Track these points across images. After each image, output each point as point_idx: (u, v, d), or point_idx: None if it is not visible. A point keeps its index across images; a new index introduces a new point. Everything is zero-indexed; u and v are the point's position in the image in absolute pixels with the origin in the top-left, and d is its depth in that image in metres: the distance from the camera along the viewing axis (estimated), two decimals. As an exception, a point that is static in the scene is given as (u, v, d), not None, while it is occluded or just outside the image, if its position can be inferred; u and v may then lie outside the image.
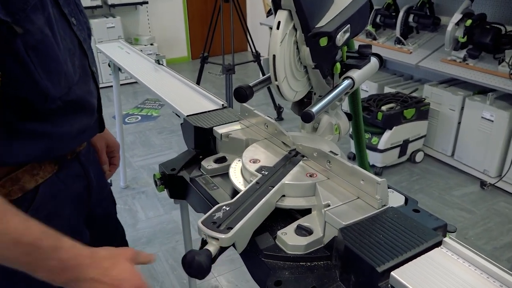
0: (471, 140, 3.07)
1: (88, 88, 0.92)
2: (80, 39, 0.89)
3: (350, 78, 0.93)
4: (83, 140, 0.97)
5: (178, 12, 6.12)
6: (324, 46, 0.83)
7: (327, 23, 0.83)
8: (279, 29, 0.80)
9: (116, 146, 1.28)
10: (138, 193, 2.99)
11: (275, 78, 0.85)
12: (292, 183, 0.88)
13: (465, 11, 2.99)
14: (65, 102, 0.83)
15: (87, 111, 0.92)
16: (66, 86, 0.82)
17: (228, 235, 0.73)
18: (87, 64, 0.92)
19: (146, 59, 2.21)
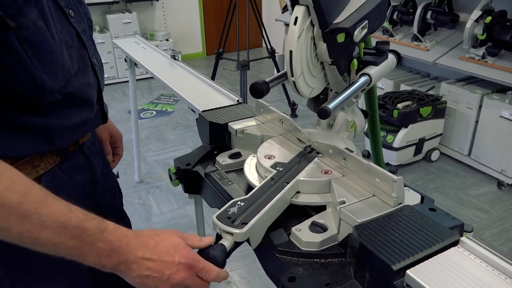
0: (488, 139, 3.02)
1: (87, 81, 0.90)
2: (78, 31, 0.88)
3: (367, 74, 0.93)
4: (85, 132, 0.96)
5: (194, 8, 6.14)
6: (342, 42, 0.83)
7: (344, 19, 0.83)
8: (296, 25, 0.79)
9: (119, 136, 1.28)
10: (152, 188, 3.01)
11: (292, 74, 0.84)
12: (307, 179, 0.88)
13: (485, 8, 2.94)
14: (64, 94, 0.82)
15: (86, 103, 0.91)
16: (64, 79, 0.81)
17: (242, 230, 0.73)
18: (86, 56, 0.91)
19: (162, 55, 2.23)
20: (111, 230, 0.68)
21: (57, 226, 0.64)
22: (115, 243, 0.67)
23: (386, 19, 3.74)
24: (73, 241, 0.65)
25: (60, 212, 0.65)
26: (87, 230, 0.66)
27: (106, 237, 0.67)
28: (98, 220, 0.68)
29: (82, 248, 0.66)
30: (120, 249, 0.68)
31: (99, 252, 0.67)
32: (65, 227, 0.65)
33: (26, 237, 0.63)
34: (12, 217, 0.62)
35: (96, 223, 0.68)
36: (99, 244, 0.66)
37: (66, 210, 0.66)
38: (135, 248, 0.69)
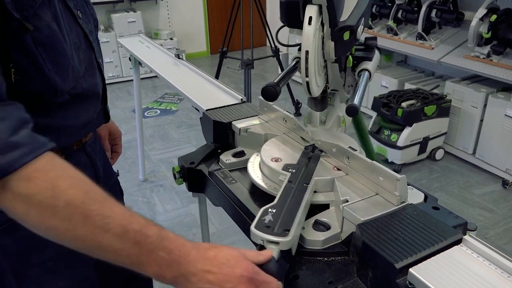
0: (493, 138, 3.00)
1: (94, 81, 0.92)
2: (86, 32, 0.89)
3: (366, 70, 0.95)
4: (89, 131, 0.98)
5: (198, 7, 6.14)
6: (347, 40, 0.83)
7: (348, 17, 0.83)
8: (311, 25, 0.79)
9: (118, 134, 1.29)
10: (156, 186, 3.03)
11: (306, 74, 0.83)
12: (323, 178, 0.88)
13: (490, 6, 2.92)
14: (72, 95, 0.83)
15: (92, 103, 0.92)
16: (74, 80, 0.83)
17: (288, 238, 0.70)
18: (93, 56, 0.93)
19: (166, 54, 2.23)
20: (171, 238, 0.65)
21: (119, 230, 0.62)
22: (175, 253, 0.64)
23: (391, 18, 3.73)
24: (135, 247, 0.62)
25: (122, 215, 0.63)
26: (148, 236, 0.63)
27: (167, 246, 0.64)
28: (159, 227, 0.66)
29: (142, 255, 0.63)
30: (180, 259, 0.64)
31: (159, 262, 0.63)
32: (127, 231, 0.62)
33: (89, 240, 0.61)
34: (76, 216, 0.60)
35: (156, 230, 0.65)
36: (159, 253, 0.63)
37: (128, 214, 0.64)
38: (195, 259, 0.65)
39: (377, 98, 3.22)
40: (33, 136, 0.64)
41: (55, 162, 0.64)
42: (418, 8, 3.53)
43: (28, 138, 0.63)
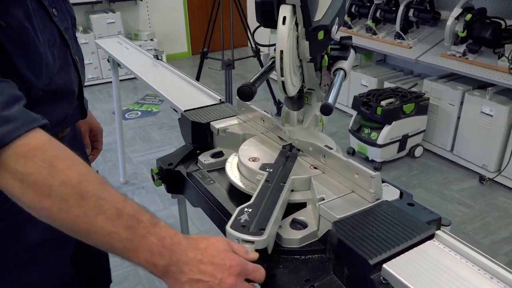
0: (470, 135, 3.07)
1: (69, 78, 0.92)
2: (61, 29, 0.89)
3: (341, 69, 0.95)
4: (64, 127, 0.98)
5: (178, 7, 6.11)
6: (321, 39, 0.84)
7: (322, 16, 0.84)
8: (285, 24, 0.79)
9: (99, 130, 1.30)
10: (138, 189, 3.00)
11: (282, 74, 0.83)
12: (300, 177, 0.89)
13: (465, 6, 2.98)
14: (46, 92, 0.84)
15: (67, 99, 0.93)
16: (47, 77, 0.83)
17: (263, 237, 0.71)
18: (68, 54, 0.93)
19: (145, 55, 2.22)
20: (162, 226, 0.66)
21: (112, 213, 0.62)
22: (167, 240, 0.64)
23: (370, 17, 3.77)
24: (127, 231, 0.62)
25: (116, 198, 0.64)
26: (141, 221, 0.63)
27: (159, 232, 0.64)
28: (151, 214, 0.66)
29: (135, 240, 0.62)
30: (172, 247, 0.64)
31: (151, 247, 0.63)
32: (120, 215, 0.62)
33: (81, 222, 0.61)
34: (72, 196, 0.60)
35: (149, 216, 0.65)
36: (152, 238, 0.63)
37: (122, 198, 0.65)
38: (187, 248, 0.65)
39: (357, 97, 3.26)
40: (26, 112, 0.65)
41: (55, 143, 0.65)
42: (396, 8, 3.58)
43: (21, 113, 0.63)
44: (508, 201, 2.80)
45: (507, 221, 2.61)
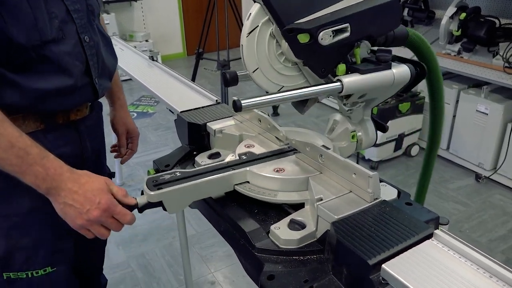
0: (466, 133, 3.08)
1: (69, 50, 0.98)
2: (69, 9, 0.98)
3: (339, 81, 0.85)
4: (73, 102, 1.03)
5: (173, 8, 6.10)
6: (306, 43, 0.80)
7: (310, 20, 0.80)
8: (248, 20, 0.81)
9: (135, 133, 1.45)
10: (134, 190, 2.99)
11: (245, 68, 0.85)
12: (255, 172, 0.91)
13: (459, 4, 3.00)
14: (40, 56, 0.92)
15: (64, 72, 0.98)
16: (37, 39, 0.91)
17: (151, 192, 0.83)
18: (74, 30, 1.00)
19: (140, 56, 2.21)
20: (50, 159, 0.85)
21: (6, 145, 0.80)
22: (51, 170, 0.83)
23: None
24: (17, 159, 0.81)
25: (11, 134, 0.82)
26: (29, 153, 0.82)
27: (45, 164, 0.83)
28: (42, 149, 0.84)
29: (23, 167, 0.82)
30: (54, 176, 0.83)
31: (36, 174, 0.82)
32: (12, 147, 0.81)
33: None
34: None
35: (38, 150, 0.84)
36: (37, 167, 0.82)
37: (17, 134, 0.83)
38: (67, 179, 0.84)
39: (353, 96, 3.26)
40: None
41: None
42: (391, 7, 3.58)
43: None
44: (504, 199, 2.82)
45: (504, 219, 2.62)
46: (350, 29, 0.83)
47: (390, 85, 0.91)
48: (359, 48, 0.90)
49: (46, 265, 1.05)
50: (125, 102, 1.45)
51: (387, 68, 0.89)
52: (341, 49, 0.87)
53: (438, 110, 1.21)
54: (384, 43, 0.97)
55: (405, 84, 0.95)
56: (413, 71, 0.94)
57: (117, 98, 1.41)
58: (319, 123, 3.99)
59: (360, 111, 1.00)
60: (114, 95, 1.41)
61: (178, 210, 0.89)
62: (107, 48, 1.17)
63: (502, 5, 3.16)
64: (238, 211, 0.90)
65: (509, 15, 3.12)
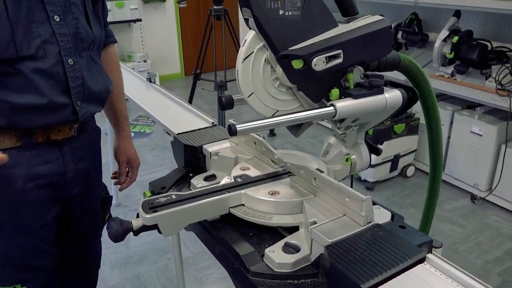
0: (461, 154, 3.10)
1: (45, 68, 1.02)
2: (55, 32, 1.03)
3: (333, 106, 0.86)
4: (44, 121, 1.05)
5: (172, 29, 6.19)
6: (300, 69, 0.82)
7: (304, 46, 0.83)
8: (243, 47, 0.83)
9: (135, 163, 1.49)
10: (131, 211, 2.97)
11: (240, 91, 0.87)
12: (250, 194, 0.92)
13: (452, 28, 3.06)
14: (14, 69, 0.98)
15: (37, 89, 1.01)
16: (13, 54, 0.96)
17: (147, 215, 0.84)
18: (57, 51, 1.04)
19: (138, 77, 2.24)
20: None
21: None
22: None
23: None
24: None
25: None
26: None
27: None
28: None
29: None
30: None
31: None
32: None
33: None
34: None
35: None
36: None
37: None
38: None
39: (349, 117, 3.29)
40: None
41: None
42: (385, 30, 3.65)
43: None
44: (500, 220, 2.82)
45: (499, 240, 2.62)
46: (342, 55, 0.86)
47: (383, 110, 0.93)
48: (352, 74, 0.92)
49: (14, 283, 1.07)
50: (129, 133, 1.50)
51: (379, 93, 0.91)
52: (334, 74, 0.89)
53: (435, 131, 1.25)
54: (377, 68, 0.99)
55: (397, 108, 0.97)
56: (405, 96, 0.95)
57: (121, 129, 1.46)
58: (315, 144, 4.02)
59: (354, 134, 1.02)
60: (119, 125, 1.45)
61: (173, 233, 0.89)
62: (97, 75, 1.19)
63: (494, 28, 3.23)
64: (233, 234, 0.90)
65: (501, 38, 3.18)
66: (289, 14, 0.81)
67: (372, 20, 0.89)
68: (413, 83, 1.12)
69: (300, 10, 0.82)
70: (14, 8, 0.96)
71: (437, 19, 3.62)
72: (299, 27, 0.83)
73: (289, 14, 0.81)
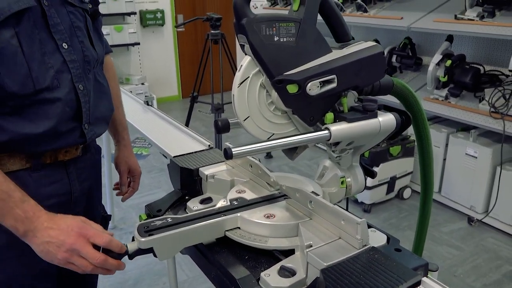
0: (456, 176, 3.12)
1: (61, 97, 1.03)
2: (66, 59, 1.04)
3: (327, 129, 0.88)
4: (60, 145, 1.07)
5: (169, 53, 6.26)
6: (294, 93, 0.84)
7: (298, 71, 0.85)
8: (239, 72, 0.85)
9: (137, 173, 1.48)
10: (126, 234, 2.95)
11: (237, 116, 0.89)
12: (246, 218, 0.92)
13: (445, 52, 3.12)
14: (32, 102, 0.98)
15: (52, 117, 1.02)
16: (31, 88, 0.97)
17: (142, 239, 0.85)
18: (69, 79, 1.05)
19: (136, 100, 2.26)
20: (31, 203, 0.91)
21: None
22: (30, 213, 0.89)
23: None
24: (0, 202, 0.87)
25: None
26: (12, 196, 0.89)
27: (25, 207, 0.89)
28: (23, 193, 0.91)
29: (4, 209, 0.88)
30: (32, 218, 0.89)
31: (16, 216, 0.88)
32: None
33: None
34: None
35: (20, 195, 0.90)
36: (17, 210, 0.88)
37: (2, 179, 0.90)
38: (44, 220, 0.89)
39: (345, 139, 3.31)
40: None
41: None
42: (380, 54, 3.72)
43: None
44: (497, 242, 2.81)
45: (497, 263, 2.60)
46: (336, 80, 0.88)
47: (377, 133, 0.94)
48: (346, 98, 0.93)
49: None
50: (129, 142, 1.49)
51: (373, 116, 0.93)
52: (329, 98, 0.91)
53: (425, 153, 1.25)
54: (371, 92, 1.01)
55: (391, 132, 0.98)
56: (398, 120, 0.97)
57: (121, 138, 1.46)
58: (312, 166, 4.03)
59: (349, 157, 1.02)
60: (119, 135, 1.45)
61: (169, 256, 0.90)
62: (102, 95, 1.21)
63: (486, 52, 3.30)
64: (228, 257, 0.90)
65: (493, 62, 3.25)
66: (284, 41, 0.84)
67: (365, 46, 0.92)
68: (406, 106, 1.13)
69: (294, 37, 0.84)
70: (28, 44, 0.96)
71: (430, 43, 3.69)
72: (293, 53, 0.85)
73: (284, 41, 0.84)
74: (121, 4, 5.32)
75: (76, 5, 1.10)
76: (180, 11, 6.18)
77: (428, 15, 3.27)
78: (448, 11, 3.17)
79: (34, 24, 0.97)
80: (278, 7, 4.70)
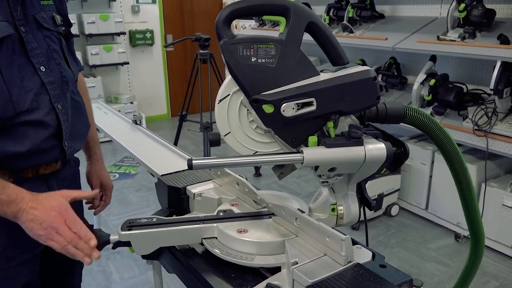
0: (443, 193, 3.15)
1: (41, 118, 1.07)
2: (44, 81, 1.08)
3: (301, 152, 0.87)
4: (40, 162, 1.12)
5: (159, 72, 6.29)
6: (270, 113, 0.84)
7: (276, 92, 0.85)
8: (220, 89, 0.88)
9: (109, 186, 1.49)
10: (113, 254, 2.91)
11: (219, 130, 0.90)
12: (222, 230, 0.96)
13: (429, 71, 3.19)
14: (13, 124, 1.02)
15: (33, 137, 1.07)
16: (12, 111, 1.01)
17: (122, 232, 0.97)
18: (47, 100, 1.10)
19: (124, 119, 2.26)
20: (11, 187, 0.98)
21: None
22: (13, 196, 0.97)
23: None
24: None
25: None
26: None
27: (6, 192, 0.97)
28: (2, 181, 0.99)
29: None
30: (17, 200, 0.97)
31: (1, 202, 0.96)
32: None
33: None
34: None
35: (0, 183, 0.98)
36: (1, 196, 0.96)
37: None
38: (27, 200, 0.97)
39: (333, 157, 3.34)
40: None
41: None
42: (366, 73, 3.79)
43: None
44: (484, 258, 2.82)
45: (484, 279, 2.62)
46: (316, 103, 0.85)
47: (362, 162, 0.88)
48: (331, 122, 0.89)
49: None
50: (101, 156, 1.49)
51: (358, 144, 0.87)
52: (313, 121, 0.88)
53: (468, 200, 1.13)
54: (375, 119, 0.96)
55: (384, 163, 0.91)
56: (390, 150, 0.90)
57: (93, 153, 1.47)
58: (301, 183, 4.04)
59: (343, 185, 0.97)
60: (90, 150, 1.46)
61: (145, 252, 0.98)
62: (78, 112, 1.26)
63: (468, 72, 3.38)
64: (215, 276, 0.90)
65: (475, 81, 3.33)
66: (262, 62, 0.84)
67: (354, 70, 0.87)
68: (435, 143, 1.05)
69: (274, 58, 0.84)
70: (7, 70, 1.00)
71: (414, 63, 3.78)
72: (272, 74, 0.84)
73: (262, 62, 0.84)
74: (111, 25, 5.35)
75: (51, 29, 1.13)
76: (169, 31, 6.24)
77: (412, 36, 3.36)
78: (431, 32, 3.25)
79: (12, 51, 1.01)
80: (266, 27, 4.78)
